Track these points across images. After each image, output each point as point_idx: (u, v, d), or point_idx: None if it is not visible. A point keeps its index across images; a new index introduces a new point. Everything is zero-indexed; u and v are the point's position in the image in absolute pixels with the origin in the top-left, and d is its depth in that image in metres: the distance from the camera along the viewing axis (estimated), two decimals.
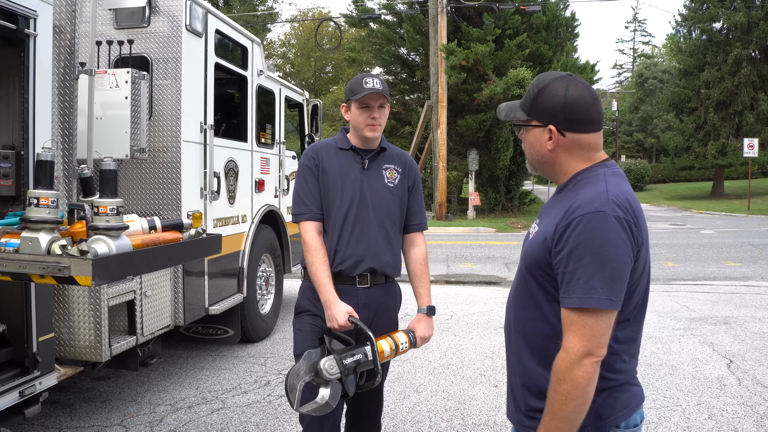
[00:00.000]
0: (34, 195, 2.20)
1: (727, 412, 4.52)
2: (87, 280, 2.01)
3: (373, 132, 2.76)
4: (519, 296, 1.83)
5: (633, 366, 1.77)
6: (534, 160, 1.85)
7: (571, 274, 1.60)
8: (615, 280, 1.58)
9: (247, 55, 6.01)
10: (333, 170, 2.77)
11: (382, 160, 2.84)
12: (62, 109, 3.88)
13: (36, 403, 3.43)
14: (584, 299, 1.58)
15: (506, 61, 21.92)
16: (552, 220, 1.71)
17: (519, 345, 1.83)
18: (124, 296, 4.19)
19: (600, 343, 1.59)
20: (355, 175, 2.77)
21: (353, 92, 2.73)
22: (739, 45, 33.07)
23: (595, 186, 1.68)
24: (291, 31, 54.37)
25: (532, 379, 1.77)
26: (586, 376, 1.58)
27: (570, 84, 1.74)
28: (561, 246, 1.63)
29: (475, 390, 5.02)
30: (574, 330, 1.60)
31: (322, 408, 2.38)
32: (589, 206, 1.61)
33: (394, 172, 2.85)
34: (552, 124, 1.73)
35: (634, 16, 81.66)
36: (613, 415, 1.71)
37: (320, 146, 2.84)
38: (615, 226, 1.59)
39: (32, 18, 3.27)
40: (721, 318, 7.47)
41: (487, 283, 10.23)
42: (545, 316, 1.73)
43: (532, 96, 1.78)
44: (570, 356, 1.59)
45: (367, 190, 2.77)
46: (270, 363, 5.69)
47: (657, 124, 50.69)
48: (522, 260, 1.83)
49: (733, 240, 15.98)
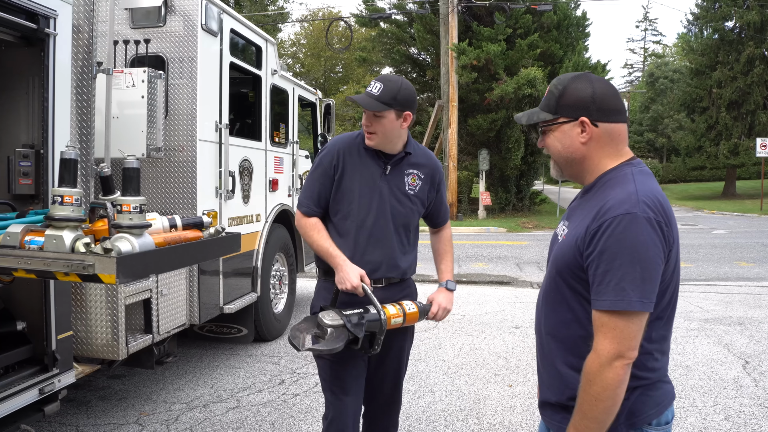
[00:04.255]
0: (58, 193, 2.21)
1: (744, 413, 4.49)
2: (111, 277, 2.02)
3: (369, 141, 2.70)
4: (549, 298, 1.84)
5: (665, 363, 1.78)
6: (562, 159, 1.83)
7: (602, 276, 1.61)
8: (646, 282, 1.59)
9: (262, 55, 6.03)
10: (353, 173, 2.71)
11: (405, 166, 2.78)
12: (80, 108, 3.90)
13: (55, 400, 3.46)
14: (615, 302, 1.58)
15: (517, 60, 21.87)
16: (582, 222, 1.72)
17: (550, 346, 1.83)
18: (141, 295, 4.22)
19: (631, 345, 1.60)
20: (375, 180, 2.72)
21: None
22: (752, 44, 32.80)
23: (625, 186, 1.68)
24: (301, 31, 54.45)
25: (563, 378, 1.78)
26: (617, 378, 1.59)
27: (593, 78, 1.78)
28: (592, 248, 1.64)
29: (489, 390, 5.01)
30: (604, 332, 1.61)
31: (329, 343, 2.37)
32: (620, 208, 1.62)
33: (416, 178, 2.79)
34: (584, 115, 1.74)
35: (644, 15, 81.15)
36: (646, 412, 1.71)
37: (344, 144, 2.76)
38: (646, 227, 1.59)
39: (52, 18, 3.29)
40: (736, 319, 7.42)
41: (498, 283, 10.20)
42: (577, 318, 1.74)
43: (556, 95, 1.79)
44: (600, 358, 1.60)
45: (387, 196, 2.72)
46: (284, 362, 5.70)
47: (668, 124, 50.39)
48: (552, 263, 1.83)
49: (746, 240, 15.87)
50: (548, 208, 27.37)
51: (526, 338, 6.56)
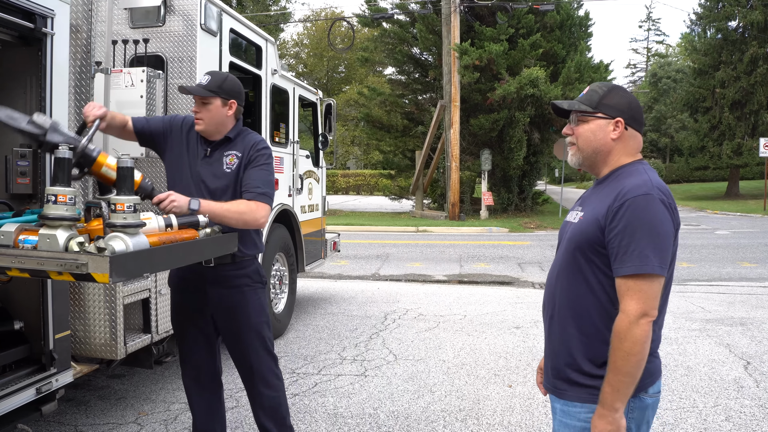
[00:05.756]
0: (52, 192, 2.20)
1: (745, 414, 4.47)
2: (104, 277, 2.01)
3: (198, 126, 3.10)
4: (563, 274, 2.08)
5: (658, 339, 2.02)
6: (591, 148, 2.09)
7: (626, 247, 1.87)
8: (663, 250, 1.88)
9: (262, 54, 6.02)
10: (178, 148, 3.27)
11: (225, 148, 3.15)
12: (78, 108, 3.90)
13: (53, 400, 3.45)
14: (640, 266, 1.85)
15: (520, 60, 21.85)
16: (602, 204, 1.98)
17: (565, 317, 2.07)
18: (139, 294, 4.21)
19: (653, 305, 1.87)
20: (196, 160, 3.20)
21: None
22: (756, 43, 32.73)
23: (640, 176, 1.97)
24: (304, 31, 54.52)
25: (575, 345, 2.02)
26: (644, 334, 1.85)
27: (629, 92, 2.12)
28: (615, 224, 1.90)
29: (489, 390, 5.00)
30: (630, 295, 1.87)
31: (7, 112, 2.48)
32: (638, 190, 1.90)
33: (234, 158, 3.13)
34: (621, 117, 2.05)
35: (647, 15, 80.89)
36: (643, 380, 1.94)
37: (182, 121, 3.28)
38: (660, 207, 1.89)
39: (50, 17, 3.29)
40: (738, 319, 7.39)
41: (500, 283, 10.19)
42: (592, 290, 1.99)
43: (600, 94, 2.08)
44: (629, 317, 1.85)
45: (204, 175, 3.14)
46: (283, 362, 5.69)
47: (671, 124, 50.32)
48: (569, 241, 2.07)
49: (749, 241, 15.83)
50: (551, 209, 27.33)
51: (527, 339, 6.55)
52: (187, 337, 3.37)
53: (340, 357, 5.87)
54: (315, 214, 7.82)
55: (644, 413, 2.01)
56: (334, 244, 8.75)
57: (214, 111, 3.07)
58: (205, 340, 3.35)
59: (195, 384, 3.41)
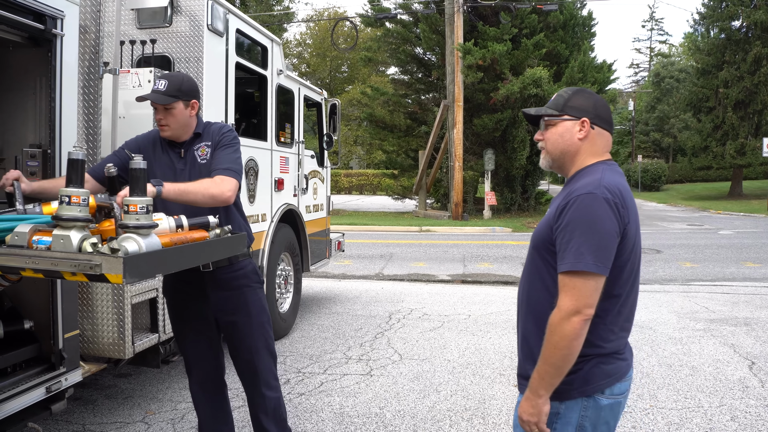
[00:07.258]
0: (66, 193, 2.22)
1: (750, 414, 4.48)
2: (118, 277, 2.03)
3: (164, 133, 3.09)
4: (525, 273, 2.16)
5: (622, 340, 2.06)
6: (558, 150, 2.15)
7: (566, 244, 1.92)
8: (601, 249, 1.88)
9: (267, 55, 6.04)
10: (154, 165, 3.12)
11: (196, 143, 3.15)
12: (86, 109, 3.92)
13: (62, 399, 3.47)
14: (574, 263, 1.88)
15: (523, 60, 21.85)
16: (555, 203, 2.05)
17: (524, 312, 2.15)
18: (147, 294, 4.24)
19: (587, 303, 1.88)
20: (174, 164, 3.16)
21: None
22: (759, 43, 32.66)
23: (593, 176, 2.01)
24: (307, 31, 54.53)
25: (533, 341, 2.07)
26: (573, 331, 1.87)
27: (594, 93, 2.18)
28: (560, 222, 1.96)
29: (494, 390, 5.01)
30: (565, 291, 1.91)
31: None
32: (584, 189, 1.95)
33: (205, 148, 3.13)
34: (586, 117, 2.10)
35: (651, 15, 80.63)
36: (598, 382, 2.00)
37: (141, 143, 3.22)
38: (603, 204, 1.91)
39: (59, 18, 3.31)
40: (742, 319, 7.40)
41: (504, 283, 10.20)
42: (546, 286, 2.05)
43: (565, 98, 2.15)
44: (561, 313, 1.89)
45: (187, 174, 3.10)
46: (289, 361, 5.71)
47: (674, 124, 50.23)
48: (531, 241, 2.15)
49: (753, 241, 15.82)
50: None
51: None
52: (190, 345, 3.36)
53: (345, 356, 5.89)
54: (320, 213, 7.84)
55: (599, 413, 2.02)
56: (339, 244, 8.77)
57: (179, 115, 3.06)
58: (207, 345, 3.35)
59: (201, 390, 3.41)
